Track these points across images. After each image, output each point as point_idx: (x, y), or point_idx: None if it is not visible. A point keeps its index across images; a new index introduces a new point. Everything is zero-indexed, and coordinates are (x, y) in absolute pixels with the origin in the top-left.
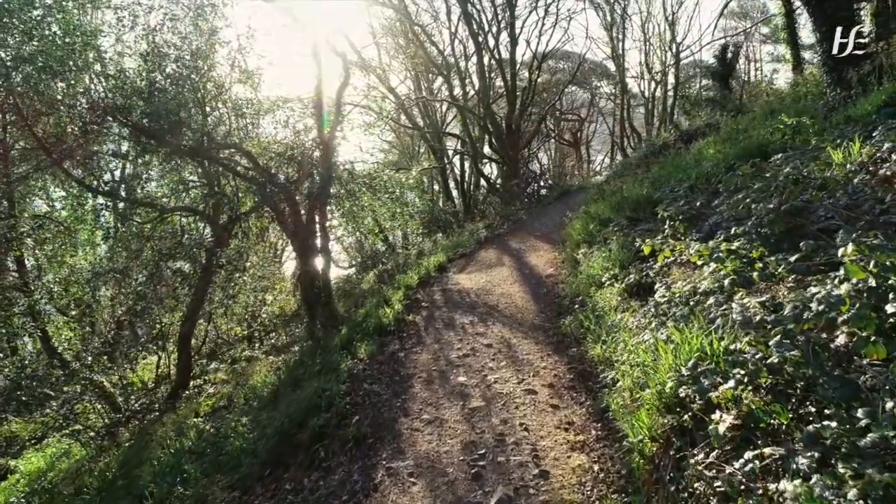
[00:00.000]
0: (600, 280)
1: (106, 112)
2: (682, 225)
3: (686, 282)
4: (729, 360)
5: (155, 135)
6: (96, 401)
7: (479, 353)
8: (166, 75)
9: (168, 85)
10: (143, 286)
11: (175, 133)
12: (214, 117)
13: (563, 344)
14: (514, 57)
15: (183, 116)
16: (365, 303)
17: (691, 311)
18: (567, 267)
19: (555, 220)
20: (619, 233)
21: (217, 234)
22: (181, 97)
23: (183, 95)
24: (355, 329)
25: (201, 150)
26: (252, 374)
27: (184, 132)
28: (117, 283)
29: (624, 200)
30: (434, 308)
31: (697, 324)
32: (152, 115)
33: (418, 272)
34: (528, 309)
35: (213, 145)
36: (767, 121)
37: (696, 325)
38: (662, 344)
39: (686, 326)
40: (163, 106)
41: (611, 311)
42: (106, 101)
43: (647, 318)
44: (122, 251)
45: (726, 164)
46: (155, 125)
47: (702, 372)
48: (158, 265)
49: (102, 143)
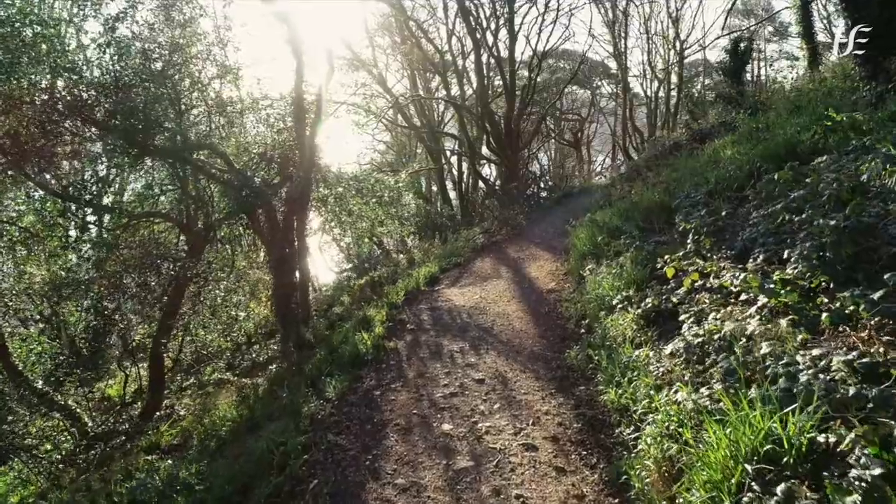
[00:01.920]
0: (611, 302)
1: (70, 110)
2: (708, 240)
3: (721, 315)
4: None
5: (123, 134)
6: (60, 422)
7: (469, 392)
8: (133, 69)
9: (136, 80)
10: (105, 300)
11: (146, 132)
12: (190, 116)
13: (569, 380)
14: (514, 54)
15: (155, 114)
16: (350, 315)
17: (740, 365)
18: (571, 282)
19: (556, 225)
20: (631, 246)
21: (191, 242)
22: (151, 93)
23: (152, 91)
24: (329, 358)
25: (174, 151)
26: (218, 402)
27: (156, 132)
28: (80, 296)
29: (634, 207)
30: (420, 331)
31: (755, 388)
32: (119, 113)
33: (406, 285)
34: (527, 333)
35: (187, 146)
36: (792, 118)
37: (753, 389)
38: (710, 422)
39: (740, 393)
40: (130, 103)
41: (625, 342)
42: (66, 97)
43: (675, 362)
44: (85, 262)
45: (750, 167)
46: (123, 124)
47: (777, 477)
48: (123, 277)
49: (67, 144)
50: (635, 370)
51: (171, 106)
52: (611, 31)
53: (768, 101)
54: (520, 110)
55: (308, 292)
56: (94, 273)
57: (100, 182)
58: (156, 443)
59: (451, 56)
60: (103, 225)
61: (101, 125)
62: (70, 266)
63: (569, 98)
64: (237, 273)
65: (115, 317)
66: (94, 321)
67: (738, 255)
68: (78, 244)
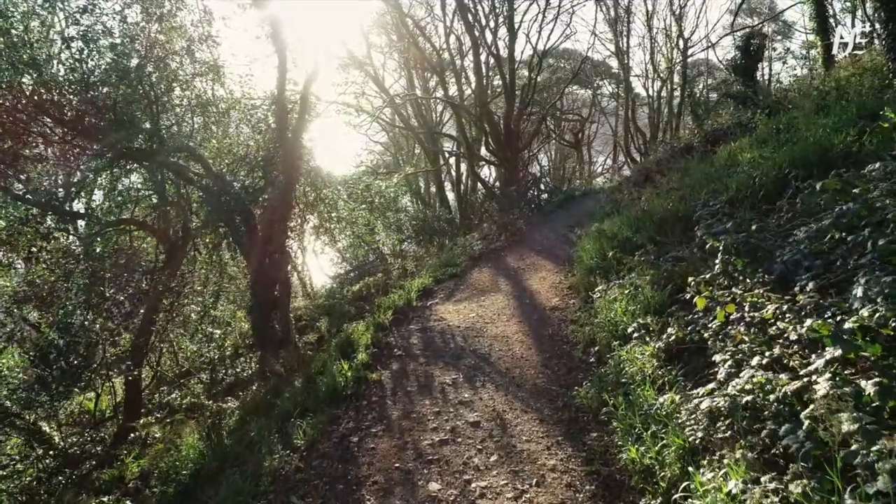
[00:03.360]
0: (625, 330)
1: (36, 109)
2: (741, 261)
3: (768, 359)
4: None
5: (94, 136)
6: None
7: (462, 438)
8: (104, 66)
9: (108, 77)
10: (74, 315)
11: (119, 133)
12: (170, 116)
13: (578, 424)
14: (514, 52)
15: (130, 114)
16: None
17: (813, 445)
18: (577, 298)
19: (558, 231)
20: (645, 262)
21: (168, 251)
22: (124, 92)
23: (126, 90)
24: (305, 389)
25: (150, 154)
26: (186, 431)
27: (131, 132)
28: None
29: (646, 216)
30: (408, 358)
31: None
32: (89, 114)
33: (397, 300)
34: (528, 361)
35: (164, 148)
36: (818, 118)
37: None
38: None
39: None
40: (100, 102)
41: (645, 382)
42: (33, 96)
43: (719, 425)
44: (47, 273)
45: (777, 173)
46: (94, 124)
47: None
48: (92, 290)
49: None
50: (660, 421)
51: (148, 105)
52: (612, 30)
53: (785, 99)
54: (520, 110)
55: (288, 309)
56: (63, 286)
57: (69, 187)
58: (121, 475)
59: (449, 55)
60: (71, 233)
61: (69, 125)
62: (33, 278)
63: (569, 98)
64: (216, 286)
65: (82, 333)
66: (61, 337)
67: (776, 281)
68: (42, 253)
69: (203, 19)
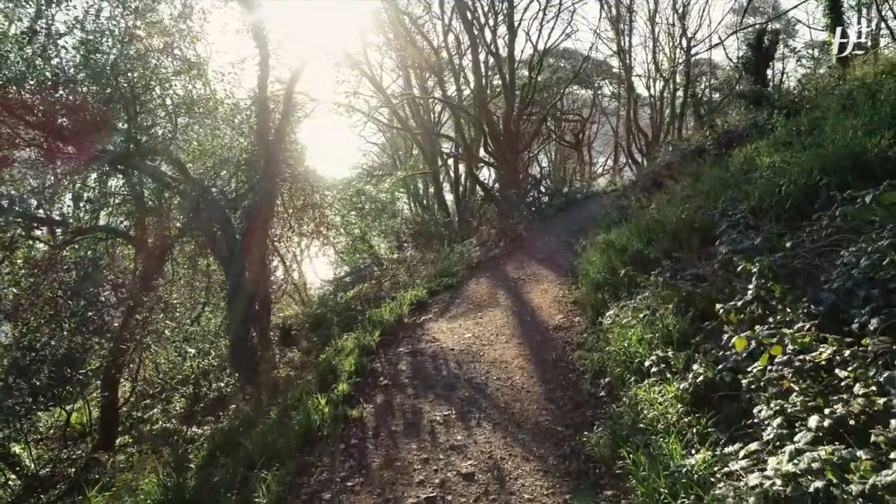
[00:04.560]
0: (641, 363)
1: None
2: (779, 286)
3: (825, 421)
4: None
5: (64, 137)
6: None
7: (453, 496)
8: (74, 63)
9: (79, 75)
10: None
11: (92, 135)
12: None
13: (589, 478)
14: (513, 51)
15: (103, 115)
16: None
17: None
18: (582, 316)
19: (560, 237)
20: (662, 281)
21: (145, 261)
22: (97, 91)
23: (99, 89)
24: (277, 426)
25: (125, 157)
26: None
27: (106, 134)
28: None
29: (658, 226)
30: (395, 388)
31: None
32: (61, 114)
33: (388, 312)
34: (530, 393)
35: (140, 150)
36: (845, 119)
37: None
38: None
39: None
40: (70, 102)
41: (669, 432)
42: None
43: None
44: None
45: (807, 180)
46: (65, 125)
47: None
48: (58, 304)
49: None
50: (691, 490)
51: (125, 106)
52: (614, 28)
53: (802, 99)
54: (519, 111)
55: (268, 326)
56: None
57: (39, 192)
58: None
59: (447, 54)
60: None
61: (39, 127)
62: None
63: (569, 98)
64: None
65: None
66: (20, 355)
67: (827, 314)
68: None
69: (184, 14)
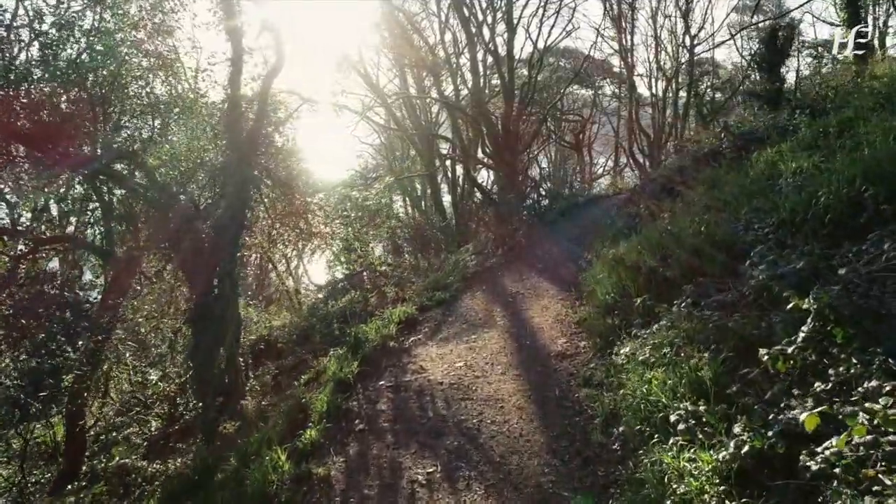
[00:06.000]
0: (666, 417)
1: None
2: (843, 331)
3: None
4: None
5: (22, 138)
6: None
7: None
8: (28, 60)
9: (36, 72)
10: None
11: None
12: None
13: None
14: (512, 49)
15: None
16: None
17: None
18: (588, 341)
19: (561, 245)
20: (686, 312)
21: (113, 275)
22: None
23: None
24: (234, 484)
25: (88, 161)
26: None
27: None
28: None
29: (673, 240)
30: (372, 435)
31: None
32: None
33: (371, 336)
34: (530, 443)
35: (106, 154)
36: (883, 121)
37: None
38: None
39: None
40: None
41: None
42: None
43: None
44: None
45: (848, 191)
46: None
47: None
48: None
49: None
50: None
51: (89, 104)
52: (616, 26)
53: (825, 97)
54: (519, 110)
55: (237, 351)
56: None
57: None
58: None
59: (444, 52)
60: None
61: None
62: None
63: (569, 98)
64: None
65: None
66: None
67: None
68: None
69: (156, 6)
